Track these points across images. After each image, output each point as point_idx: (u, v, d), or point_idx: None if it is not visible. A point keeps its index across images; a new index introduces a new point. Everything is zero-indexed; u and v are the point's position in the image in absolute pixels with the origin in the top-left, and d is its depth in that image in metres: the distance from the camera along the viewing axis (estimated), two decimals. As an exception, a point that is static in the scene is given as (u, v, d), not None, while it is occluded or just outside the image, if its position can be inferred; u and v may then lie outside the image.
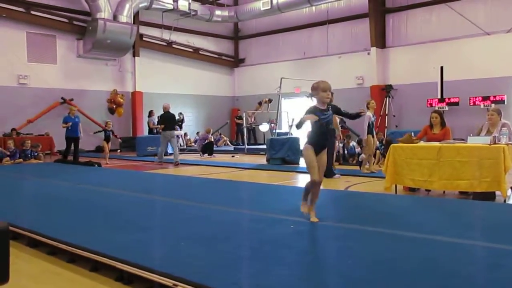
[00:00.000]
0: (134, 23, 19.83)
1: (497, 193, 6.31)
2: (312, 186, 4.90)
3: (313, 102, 4.91)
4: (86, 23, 19.01)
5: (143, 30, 21.30)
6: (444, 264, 3.45)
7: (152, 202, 6.54)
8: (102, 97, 19.53)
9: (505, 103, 15.63)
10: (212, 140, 17.49)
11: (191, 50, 23.10)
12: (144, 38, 21.36)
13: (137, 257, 3.63)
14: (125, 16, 19.31)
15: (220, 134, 21.26)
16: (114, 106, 19.47)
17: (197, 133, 21.68)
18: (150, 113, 19.96)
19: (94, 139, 18.47)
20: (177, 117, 20.90)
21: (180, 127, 20.82)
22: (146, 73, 21.16)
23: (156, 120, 19.77)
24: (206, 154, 16.40)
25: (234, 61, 25.08)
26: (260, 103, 20.42)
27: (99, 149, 17.98)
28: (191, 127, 22.51)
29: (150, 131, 19.61)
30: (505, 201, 6.14)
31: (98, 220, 5.27)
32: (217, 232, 4.55)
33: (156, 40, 21.81)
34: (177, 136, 19.55)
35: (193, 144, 20.58)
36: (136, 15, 20.38)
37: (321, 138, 4.90)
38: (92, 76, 19.64)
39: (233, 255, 3.76)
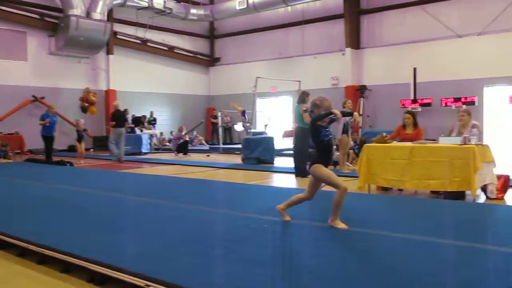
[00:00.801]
0: (108, 20, 19.60)
1: (467, 192, 6.45)
2: (344, 196, 4.61)
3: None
4: (58, 20, 18.71)
5: (117, 27, 21.07)
6: (414, 262, 3.52)
7: (126, 202, 6.49)
8: (74, 95, 19.23)
9: (476, 104, 15.99)
10: (187, 139, 17.41)
11: (166, 48, 22.96)
12: (118, 36, 21.13)
13: (109, 258, 3.60)
14: (99, 13, 19.07)
15: (196, 134, 21.18)
16: (87, 105, 19.19)
17: (171, 132, 21.56)
18: (125, 112, 19.73)
19: (67, 138, 18.20)
20: (148, 116, 20.81)
21: (153, 126, 20.67)
22: (120, 71, 20.95)
23: (130, 119, 19.61)
24: (181, 154, 16.32)
25: (209, 60, 25.01)
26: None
27: (72, 149, 17.72)
28: (166, 126, 22.37)
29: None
30: (474, 200, 6.29)
31: (69, 220, 5.20)
32: (192, 232, 4.54)
33: (130, 38, 21.60)
34: (152, 135, 19.47)
35: (167, 143, 20.45)
36: (110, 13, 20.14)
37: (328, 155, 4.76)
38: (64, 74, 19.34)
39: (207, 255, 3.76)
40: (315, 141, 4.74)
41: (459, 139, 6.38)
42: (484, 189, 6.56)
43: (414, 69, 17.29)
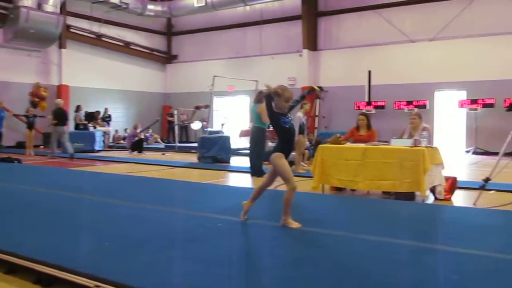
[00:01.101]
0: (61, 13, 19.02)
1: (417, 193, 6.64)
2: (293, 194, 4.66)
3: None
4: (8, 11, 18.01)
5: (71, 21, 20.50)
6: (367, 262, 3.60)
7: (77, 201, 6.33)
8: (23, 90, 18.51)
9: (427, 108, 16.50)
10: (142, 137, 17.16)
11: (121, 44, 22.54)
12: (71, 30, 20.57)
13: (59, 258, 3.50)
14: (51, 5, 18.46)
15: (151, 132, 20.91)
16: (37, 100, 18.57)
17: (125, 129, 21.21)
18: (77, 108, 19.25)
19: (15, 134, 17.58)
20: (102, 113, 20.38)
21: (107, 123, 20.26)
22: (73, 66, 20.39)
23: (83, 116, 19.15)
24: (136, 152, 16.08)
25: (166, 57, 24.74)
26: (197, 108, 20.09)
27: (21, 145, 17.14)
28: (120, 123, 21.97)
29: (77, 126, 18.93)
30: (423, 201, 6.48)
31: (16, 219, 5.03)
32: (145, 231, 4.48)
33: (84, 32, 21.07)
34: (105, 132, 19.07)
35: (122, 141, 20.10)
36: (63, 5, 19.55)
37: (291, 144, 4.76)
38: (13, 68, 18.63)
39: (160, 255, 3.72)
40: (276, 129, 4.74)
41: (410, 142, 6.56)
42: (433, 190, 6.77)
43: (369, 72, 17.67)
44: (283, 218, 4.69)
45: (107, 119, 20.59)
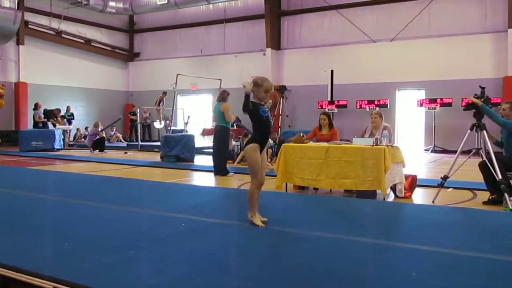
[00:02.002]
0: (18, 8, 18.46)
1: (378, 191, 6.76)
2: (257, 189, 4.66)
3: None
4: (-38, 5, 17.38)
5: (29, 17, 19.94)
6: (326, 260, 3.63)
7: (35, 200, 6.16)
8: (-21, 87, 17.95)
9: (388, 107, 16.83)
10: (104, 135, 16.85)
11: (82, 41, 22.09)
12: (30, 26, 20.02)
13: (14, 260, 3.39)
14: (8, 0, 17.89)
15: (115, 130, 20.57)
16: (-6, 97, 17.99)
17: (86, 128, 20.79)
18: (36, 106, 18.73)
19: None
20: (64, 112, 19.89)
21: (69, 122, 19.80)
22: (32, 63, 19.84)
23: (42, 114, 18.65)
24: (97, 151, 15.78)
25: (128, 55, 24.39)
26: (164, 93, 19.73)
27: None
28: (81, 121, 21.54)
29: (36, 124, 18.42)
30: (384, 199, 6.60)
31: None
32: (106, 232, 4.40)
33: (43, 28, 20.52)
34: (65, 131, 18.63)
35: (83, 139, 19.69)
36: (21, 1, 19.01)
37: (267, 135, 4.73)
38: (-33, 64, 18.01)
39: (121, 255, 3.66)
40: (253, 120, 4.69)
41: (371, 140, 6.66)
42: (393, 188, 6.89)
43: (332, 71, 17.88)
44: (248, 213, 4.68)
45: (70, 117, 20.06)
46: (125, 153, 15.85)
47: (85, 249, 3.83)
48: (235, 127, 16.49)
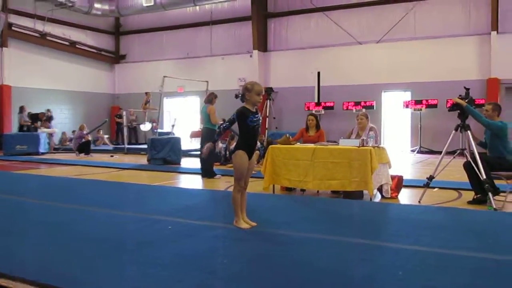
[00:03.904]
0: (2, 10, 18.28)
1: (365, 192, 6.80)
2: (240, 193, 4.68)
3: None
4: None
5: (13, 19, 19.72)
6: (314, 260, 3.65)
7: (19, 204, 6.10)
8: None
9: (374, 108, 16.93)
10: (90, 138, 16.74)
11: (67, 43, 21.90)
12: (14, 28, 19.79)
13: (-2, 265, 3.36)
14: (-8, 2, 17.74)
15: (102, 133, 20.43)
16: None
17: (73, 131, 20.61)
18: (21, 109, 18.54)
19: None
20: (45, 114, 19.66)
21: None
22: (16, 65, 19.61)
23: (27, 117, 18.46)
24: (83, 154, 15.67)
25: (114, 57, 24.25)
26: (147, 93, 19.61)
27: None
28: (67, 125, 21.35)
29: (21, 128, 18.22)
30: (371, 199, 6.64)
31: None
32: (93, 235, 4.37)
33: (28, 30, 20.31)
34: (51, 134, 18.47)
35: (68, 143, 19.53)
36: (4, 2, 18.81)
37: (253, 142, 4.73)
38: (-51, 67, 17.77)
39: (108, 258, 3.64)
40: (240, 127, 4.69)
41: (358, 142, 6.70)
42: (380, 189, 6.94)
43: (318, 73, 17.96)
44: (234, 219, 4.69)
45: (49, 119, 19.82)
46: (111, 156, 15.75)
47: (70, 253, 3.81)
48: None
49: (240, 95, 4.74)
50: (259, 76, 19.38)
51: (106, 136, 20.99)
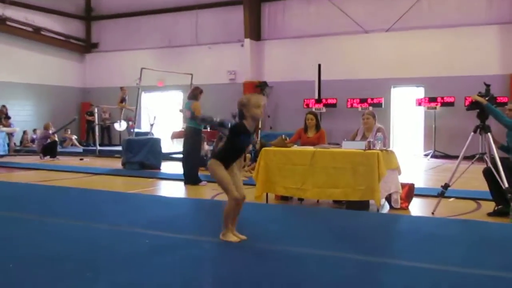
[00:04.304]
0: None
1: (371, 202, 6.82)
2: (236, 205, 4.61)
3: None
4: None
5: (-33, 0, 19.64)
6: (311, 279, 3.65)
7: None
8: None
9: (382, 106, 17.00)
10: (56, 139, 16.67)
11: (30, 29, 21.80)
12: (-33, 11, 19.70)
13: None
14: None
15: (67, 132, 20.36)
16: None
17: (34, 130, 20.53)
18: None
19: None
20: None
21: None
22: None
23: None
24: (48, 157, 15.60)
25: (85, 46, 24.19)
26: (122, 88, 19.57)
27: None
28: (30, 123, 21.23)
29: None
30: (378, 210, 6.67)
31: None
32: (58, 250, 4.36)
33: (-16, 14, 20.23)
34: (11, 134, 18.37)
35: (31, 144, 19.44)
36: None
37: (235, 157, 4.71)
38: None
39: (76, 278, 3.62)
40: (228, 138, 4.69)
41: (364, 144, 6.72)
42: (388, 198, 6.97)
43: (319, 65, 17.98)
44: (222, 232, 4.69)
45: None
46: (81, 159, 15.70)
47: (34, 271, 3.79)
48: (208, 129, 16.46)
49: (236, 114, 4.72)
50: (251, 68, 19.41)
51: (74, 136, 20.93)
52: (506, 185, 5.97)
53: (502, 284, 3.64)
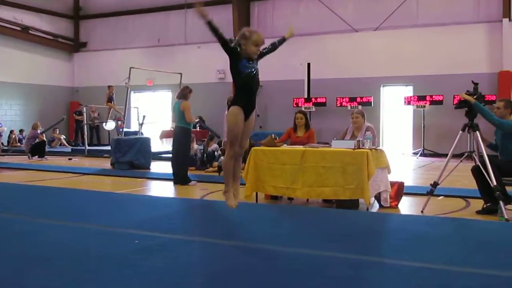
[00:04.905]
0: None
1: (361, 201, 6.84)
2: (234, 160, 4.62)
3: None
4: None
5: (-46, -1, 19.48)
6: (302, 278, 3.65)
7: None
8: None
9: (372, 105, 17.06)
10: (44, 139, 16.58)
11: (18, 28, 21.67)
12: (-45, 10, 19.54)
13: None
14: None
15: (55, 132, 20.25)
16: None
17: (21, 130, 20.40)
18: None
19: None
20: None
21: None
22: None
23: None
24: (36, 157, 15.52)
25: (73, 45, 24.10)
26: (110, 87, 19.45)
27: None
28: (18, 122, 21.14)
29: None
30: (367, 209, 6.68)
31: None
32: (45, 252, 4.32)
33: (-29, 13, 20.09)
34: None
35: (19, 144, 19.33)
36: None
37: (250, 96, 4.62)
38: None
39: (64, 279, 3.60)
40: (232, 74, 4.62)
41: (353, 143, 6.73)
42: (378, 197, 6.98)
43: (308, 64, 18.02)
44: (224, 189, 4.65)
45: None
46: (70, 159, 15.64)
47: (21, 272, 3.76)
48: (197, 129, 16.44)
49: (236, 43, 4.65)
50: (240, 68, 19.34)
51: (63, 136, 20.83)
52: (495, 183, 6.00)
53: (491, 282, 3.65)
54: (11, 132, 20.47)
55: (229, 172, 4.60)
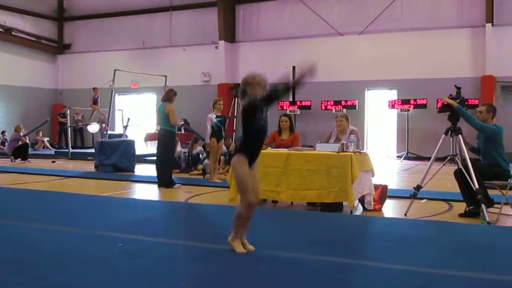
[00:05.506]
0: None
1: (345, 203, 6.87)
2: (248, 211, 4.38)
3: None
4: None
5: None
6: (286, 281, 3.66)
7: None
8: None
9: (356, 108, 17.14)
10: (27, 141, 16.42)
11: (1, 30, 21.47)
12: None
13: None
14: None
15: (39, 134, 20.08)
16: None
17: (3, 132, 20.20)
18: None
19: None
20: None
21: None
22: None
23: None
24: (19, 159, 15.37)
25: (57, 47, 23.93)
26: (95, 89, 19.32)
27: None
28: (0, 124, 20.89)
29: None
30: (351, 212, 6.71)
31: None
32: (27, 256, 4.29)
33: (-47, 14, 19.87)
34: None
35: (1, 146, 19.13)
36: None
37: (259, 144, 4.51)
38: None
39: (46, 283, 3.57)
40: (245, 122, 4.45)
41: (337, 146, 6.76)
42: (362, 200, 7.02)
43: (293, 67, 18.01)
44: (230, 235, 4.52)
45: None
46: (53, 162, 15.53)
47: (3, 275, 3.73)
48: (182, 131, 16.40)
49: (240, 94, 4.58)
50: (225, 70, 19.39)
51: (46, 138, 20.66)
52: (477, 186, 6.06)
53: (473, 284, 3.69)
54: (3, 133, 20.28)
55: (242, 224, 4.44)
